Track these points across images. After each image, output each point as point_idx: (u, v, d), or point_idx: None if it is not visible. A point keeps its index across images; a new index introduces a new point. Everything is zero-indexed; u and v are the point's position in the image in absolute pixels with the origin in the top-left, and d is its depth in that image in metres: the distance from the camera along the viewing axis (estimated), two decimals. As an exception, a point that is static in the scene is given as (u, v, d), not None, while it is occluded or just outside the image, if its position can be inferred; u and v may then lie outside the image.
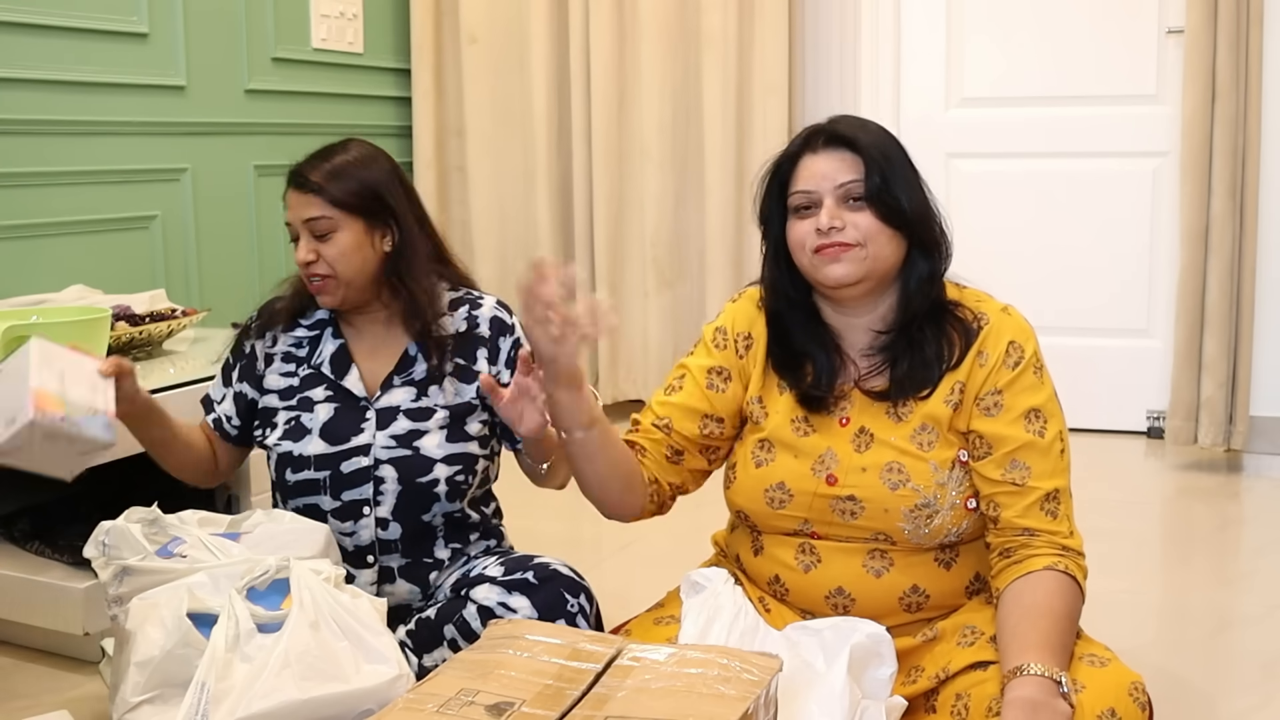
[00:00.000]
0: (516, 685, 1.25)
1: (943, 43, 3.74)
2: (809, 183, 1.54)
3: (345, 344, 1.89)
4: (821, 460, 1.57)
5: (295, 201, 1.83)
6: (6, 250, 2.71)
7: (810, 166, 1.55)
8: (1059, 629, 1.43)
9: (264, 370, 1.91)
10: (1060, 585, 1.47)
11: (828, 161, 1.54)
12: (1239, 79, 3.21)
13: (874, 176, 1.52)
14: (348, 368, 1.87)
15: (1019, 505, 1.51)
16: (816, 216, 1.53)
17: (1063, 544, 1.50)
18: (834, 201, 1.53)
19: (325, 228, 1.81)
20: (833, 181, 1.53)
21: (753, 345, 1.66)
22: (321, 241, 1.81)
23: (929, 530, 1.54)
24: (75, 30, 2.84)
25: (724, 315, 1.71)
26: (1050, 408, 1.54)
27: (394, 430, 1.83)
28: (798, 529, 1.60)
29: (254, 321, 1.94)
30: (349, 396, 1.86)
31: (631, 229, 3.88)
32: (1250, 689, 2.03)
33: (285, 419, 1.86)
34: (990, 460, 1.53)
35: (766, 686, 1.25)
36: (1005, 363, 1.54)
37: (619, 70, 3.80)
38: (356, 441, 1.82)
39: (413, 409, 1.84)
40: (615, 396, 3.95)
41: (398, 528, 1.83)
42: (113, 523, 1.56)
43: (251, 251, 3.41)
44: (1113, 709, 1.35)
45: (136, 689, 1.40)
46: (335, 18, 3.67)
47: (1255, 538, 2.86)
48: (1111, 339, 3.65)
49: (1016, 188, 3.69)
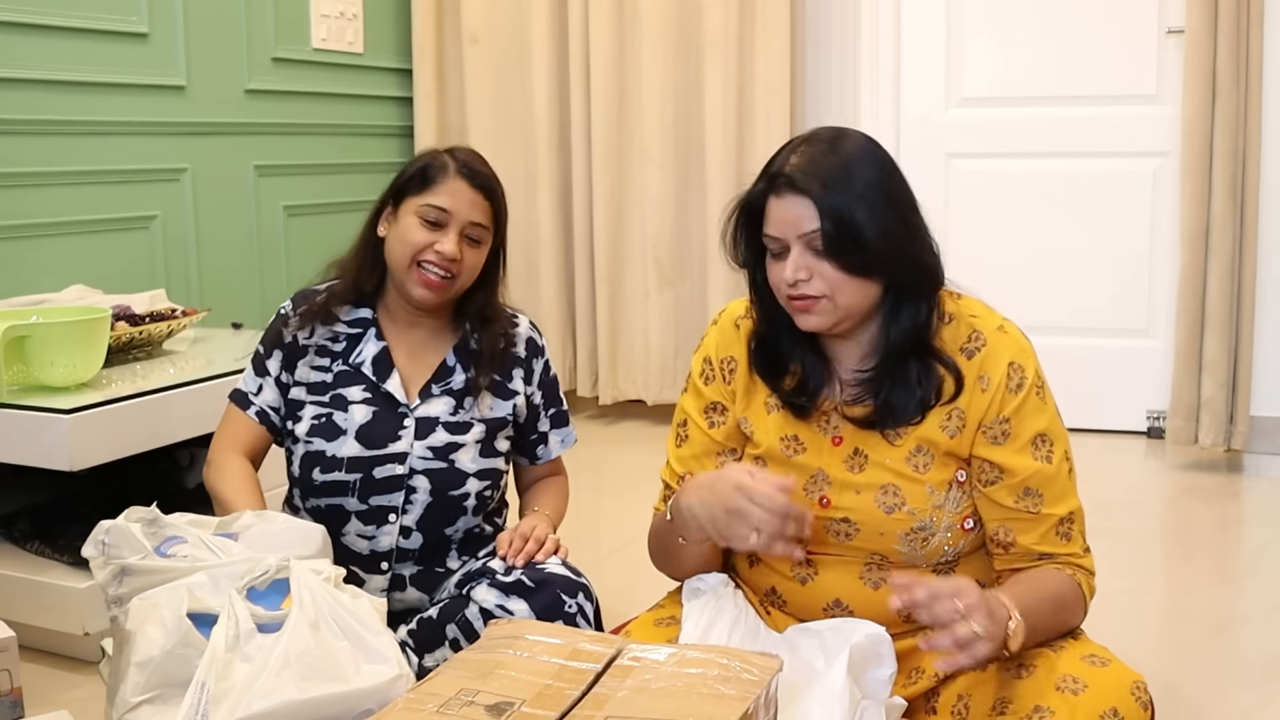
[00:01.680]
0: (516, 685, 1.25)
1: (943, 43, 3.74)
2: (776, 228, 1.48)
3: (388, 347, 1.86)
4: (814, 480, 1.55)
5: (467, 197, 1.80)
6: (6, 250, 2.71)
7: (777, 210, 1.47)
8: (1039, 597, 1.44)
9: (298, 361, 1.87)
10: (1061, 579, 1.48)
11: (790, 207, 1.46)
12: (1239, 79, 3.21)
13: (827, 228, 1.44)
14: (390, 371, 1.85)
15: (1035, 533, 1.50)
16: (784, 262, 1.48)
17: (1076, 564, 1.51)
18: (800, 249, 1.46)
19: (479, 236, 1.81)
20: (796, 229, 1.46)
21: (736, 368, 1.62)
22: (470, 245, 1.80)
23: (925, 552, 1.52)
24: (75, 30, 2.84)
25: (706, 342, 1.66)
26: (1054, 429, 1.51)
27: (432, 441, 1.82)
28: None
29: (293, 311, 1.89)
30: (389, 400, 1.83)
31: (632, 229, 3.88)
32: (1250, 689, 2.03)
33: (314, 414, 1.83)
34: (1002, 487, 1.50)
35: (766, 686, 1.25)
36: (1008, 386, 1.49)
37: (620, 71, 3.80)
38: (394, 448, 1.81)
39: (451, 422, 1.83)
40: (615, 397, 3.95)
41: (419, 538, 1.82)
42: (112, 522, 1.56)
43: (251, 251, 3.41)
44: (1115, 708, 1.35)
45: (136, 689, 1.40)
46: (335, 18, 3.67)
47: (1255, 538, 2.86)
48: (1112, 339, 3.65)
49: (1016, 188, 3.69)
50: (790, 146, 1.51)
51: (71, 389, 2.15)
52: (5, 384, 2.10)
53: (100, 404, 2.08)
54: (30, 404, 2.07)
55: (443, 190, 1.78)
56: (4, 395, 2.09)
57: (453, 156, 1.82)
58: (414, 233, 1.78)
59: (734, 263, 1.57)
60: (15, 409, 2.07)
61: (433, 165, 1.81)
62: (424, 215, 1.78)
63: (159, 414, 2.18)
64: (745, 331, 1.62)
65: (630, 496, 1.89)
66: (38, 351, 2.12)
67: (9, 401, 2.08)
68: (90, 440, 2.06)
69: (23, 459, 2.09)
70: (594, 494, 3.23)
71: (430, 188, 1.79)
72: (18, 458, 2.10)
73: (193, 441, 2.30)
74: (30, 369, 2.13)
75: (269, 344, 1.89)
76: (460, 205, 1.78)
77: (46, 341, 2.12)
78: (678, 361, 3.88)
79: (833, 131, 1.52)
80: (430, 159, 1.83)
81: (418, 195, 1.80)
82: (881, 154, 1.50)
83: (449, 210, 1.78)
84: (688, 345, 3.86)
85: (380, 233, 1.86)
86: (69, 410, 2.03)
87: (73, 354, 2.13)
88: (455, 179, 1.79)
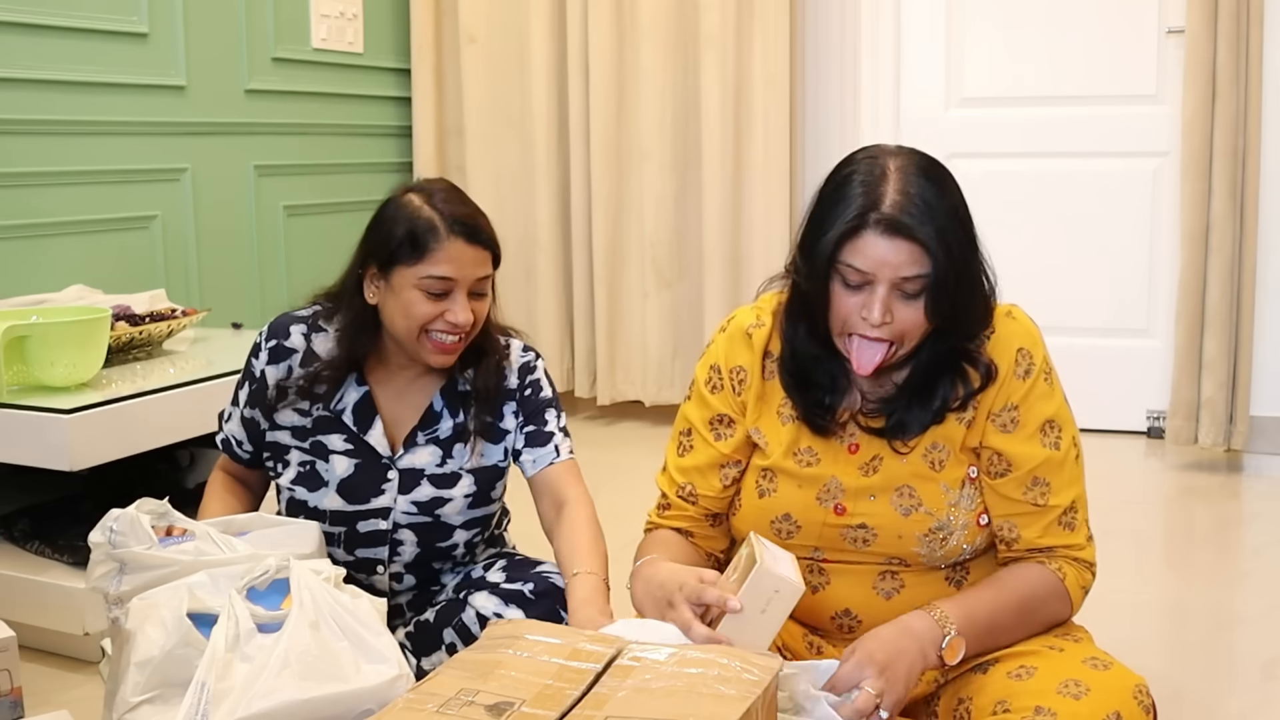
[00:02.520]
0: (516, 685, 1.25)
1: (943, 43, 3.74)
2: (868, 264, 1.38)
3: (370, 392, 1.74)
4: (826, 489, 1.53)
5: (468, 257, 1.63)
6: (6, 250, 2.71)
7: (873, 247, 1.38)
8: (996, 605, 1.46)
9: (275, 402, 1.75)
10: (1031, 577, 1.49)
11: (892, 249, 1.37)
12: (1239, 79, 3.21)
13: (933, 280, 1.38)
14: (371, 420, 1.74)
15: (1038, 526, 1.50)
16: (864, 295, 1.40)
17: (1075, 556, 1.51)
18: (887, 290, 1.39)
19: (484, 288, 1.68)
20: (894, 271, 1.38)
21: (747, 378, 1.58)
22: (477, 300, 1.67)
23: (944, 551, 1.52)
24: (75, 30, 2.84)
25: (714, 349, 1.61)
26: (1062, 415, 1.51)
27: (416, 496, 1.73)
28: (809, 556, 1.57)
29: (264, 342, 1.76)
30: (371, 453, 1.74)
31: (631, 229, 3.88)
32: (1250, 689, 2.03)
33: (299, 460, 1.74)
34: (1010, 479, 1.49)
35: (767, 686, 1.25)
36: (1016, 373, 1.49)
37: (618, 70, 3.80)
38: (377, 503, 1.73)
39: (437, 474, 1.74)
40: (614, 397, 3.95)
41: (411, 579, 1.81)
42: (123, 510, 1.57)
43: (251, 251, 3.41)
44: (1118, 712, 1.35)
45: (136, 689, 1.40)
46: (335, 18, 3.67)
47: (1255, 538, 2.86)
48: (1111, 339, 3.65)
49: (1016, 188, 3.69)
50: (879, 171, 1.40)
51: (71, 389, 2.15)
52: (5, 384, 2.10)
53: (100, 404, 2.08)
54: (30, 404, 2.07)
55: (441, 257, 1.62)
56: (4, 395, 2.10)
57: (437, 211, 1.64)
58: (419, 307, 1.64)
59: (797, 276, 1.48)
60: (15, 409, 2.07)
61: (421, 228, 1.63)
62: (427, 288, 1.63)
63: (159, 414, 2.18)
64: (758, 341, 1.58)
65: (629, 497, 1.88)
66: (38, 351, 2.12)
67: (9, 401, 2.08)
68: (90, 440, 2.06)
69: (23, 459, 2.09)
70: (593, 494, 3.21)
71: (426, 256, 1.62)
72: (18, 458, 2.10)
73: (193, 441, 2.31)
74: (30, 369, 2.13)
75: (244, 374, 1.79)
76: (464, 269, 1.64)
77: (46, 341, 2.12)
78: (676, 362, 3.88)
79: (924, 160, 1.44)
80: (414, 219, 1.64)
81: (412, 265, 1.63)
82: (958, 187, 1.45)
83: (454, 278, 1.63)
84: (686, 346, 3.86)
85: (370, 299, 1.70)
86: (69, 410, 2.03)
87: (73, 354, 2.13)
88: (451, 241, 1.62)
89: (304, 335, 1.76)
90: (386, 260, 1.66)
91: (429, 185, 1.69)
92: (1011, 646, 1.47)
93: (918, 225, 1.37)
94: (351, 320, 1.72)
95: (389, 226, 1.65)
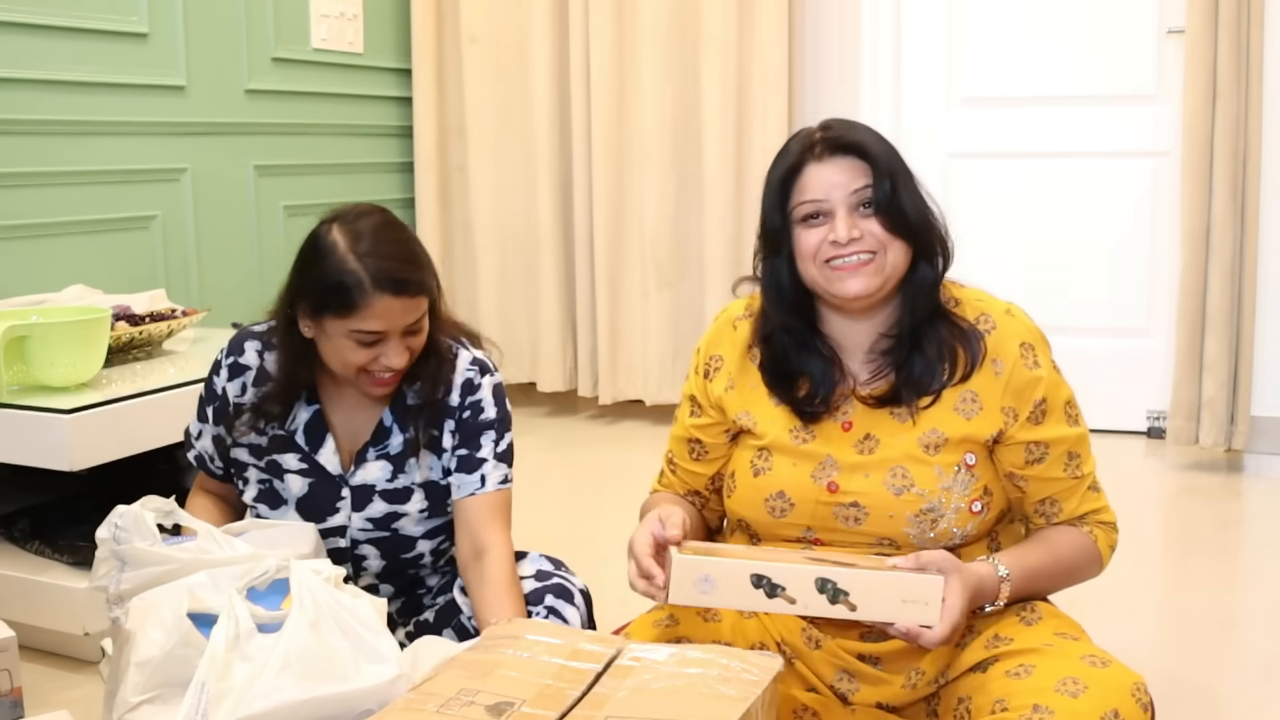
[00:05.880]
0: (516, 685, 1.25)
1: (943, 43, 3.74)
2: (818, 191, 1.49)
3: (321, 410, 1.73)
4: (822, 467, 1.56)
5: (397, 309, 1.58)
6: (6, 250, 2.71)
7: (818, 175, 1.50)
8: (1042, 558, 1.55)
9: (233, 421, 1.74)
10: (1075, 539, 1.58)
11: (836, 170, 1.49)
12: (1239, 79, 3.20)
13: (884, 183, 1.48)
14: (322, 439, 1.73)
15: (1076, 497, 1.59)
16: (826, 226, 1.49)
17: (1101, 520, 1.61)
18: (846, 211, 1.49)
19: (419, 325, 1.64)
20: (845, 190, 1.49)
21: (722, 366, 1.65)
22: (414, 337, 1.64)
23: (934, 534, 1.53)
24: (75, 30, 2.84)
25: (705, 335, 1.71)
26: (1073, 396, 1.59)
27: (370, 513, 1.73)
28: (800, 536, 1.58)
29: (224, 358, 1.75)
30: (322, 472, 1.73)
31: (631, 228, 3.88)
32: (1250, 689, 2.03)
33: (257, 479, 1.75)
34: (1050, 461, 1.56)
35: (767, 686, 1.25)
36: (1024, 364, 1.54)
37: (619, 70, 3.80)
38: (333, 522, 1.73)
39: (388, 489, 1.72)
40: (615, 397, 3.95)
41: (390, 587, 1.81)
42: (128, 507, 1.57)
43: (251, 251, 3.41)
44: (1116, 710, 1.35)
45: (136, 689, 1.40)
46: (335, 18, 3.67)
47: (1256, 538, 2.86)
48: (1112, 339, 3.65)
49: (1016, 188, 3.69)
50: (806, 131, 1.54)
51: (71, 389, 2.15)
52: (5, 384, 2.10)
53: (100, 404, 2.08)
54: (30, 404, 2.07)
55: (369, 314, 1.57)
56: (4, 395, 2.10)
57: (363, 263, 1.57)
58: (351, 354, 1.61)
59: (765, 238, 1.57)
60: (15, 409, 2.07)
61: (348, 283, 1.56)
62: (358, 340, 1.60)
63: (159, 414, 2.18)
64: (742, 332, 1.64)
65: (630, 496, 1.88)
66: (38, 351, 2.12)
67: (9, 401, 2.09)
68: (90, 440, 2.06)
69: (23, 459, 2.09)
70: (594, 494, 3.23)
71: (354, 312, 1.57)
72: (18, 458, 2.10)
73: (193, 441, 2.30)
74: (30, 369, 2.14)
75: (207, 391, 1.78)
76: (394, 320, 1.59)
77: (46, 341, 2.12)
78: (676, 361, 3.88)
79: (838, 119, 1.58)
80: (340, 272, 1.57)
81: (341, 319, 1.58)
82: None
83: (384, 330, 1.59)
84: (686, 345, 3.86)
85: (305, 333, 1.66)
86: (69, 410, 2.03)
87: (73, 354, 2.13)
88: (378, 297, 1.56)
89: (258, 352, 1.74)
90: (317, 307, 1.61)
91: (357, 224, 1.61)
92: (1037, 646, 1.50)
93: (850, 136, 1.51)
94: (288, 356, 1.69)
95: (317, 273, 1.60)
